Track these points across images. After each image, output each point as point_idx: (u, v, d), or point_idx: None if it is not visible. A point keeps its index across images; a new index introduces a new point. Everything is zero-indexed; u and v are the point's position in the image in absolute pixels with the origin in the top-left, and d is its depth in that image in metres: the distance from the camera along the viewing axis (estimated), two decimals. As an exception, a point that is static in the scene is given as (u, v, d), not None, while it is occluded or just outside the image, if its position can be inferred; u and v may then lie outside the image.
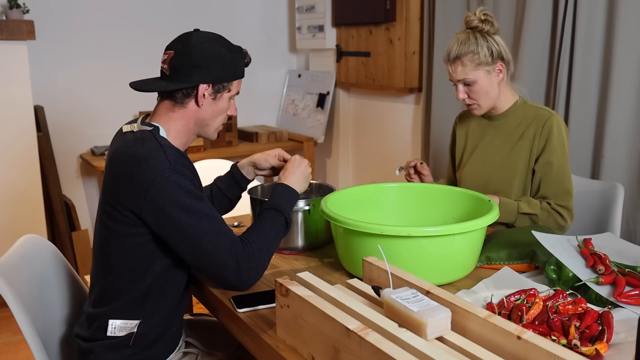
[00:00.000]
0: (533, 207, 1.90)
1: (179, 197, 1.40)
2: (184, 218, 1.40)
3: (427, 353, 0.95)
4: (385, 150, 3.83)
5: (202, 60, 1.47)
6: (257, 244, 1.46)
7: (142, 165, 1.40)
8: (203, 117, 1.53)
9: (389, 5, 3.43)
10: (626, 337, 1.20)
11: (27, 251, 1.66)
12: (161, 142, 1.45)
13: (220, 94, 1.52)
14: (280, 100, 4.49)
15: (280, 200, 1.58)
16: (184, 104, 1.51)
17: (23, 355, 2.83)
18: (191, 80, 1.47)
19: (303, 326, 1.18)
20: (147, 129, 1.48)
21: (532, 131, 1.95)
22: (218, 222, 1.44)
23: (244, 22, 4.24)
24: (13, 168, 3.23)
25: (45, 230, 3.37)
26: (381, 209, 1.85)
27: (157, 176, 1.39)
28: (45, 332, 1.59)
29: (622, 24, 2.32)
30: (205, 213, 1.42)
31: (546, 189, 1.93)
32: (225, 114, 1.57)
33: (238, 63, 1.54)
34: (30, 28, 3.14)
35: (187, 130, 1.54)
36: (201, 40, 1.48)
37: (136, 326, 1.48)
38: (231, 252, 1.42)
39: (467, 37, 1.90)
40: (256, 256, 1.45)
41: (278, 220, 1.54)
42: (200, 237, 1.41)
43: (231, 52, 1.52)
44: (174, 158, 1.43)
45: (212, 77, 1.49)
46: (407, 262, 1.44)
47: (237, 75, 1.54)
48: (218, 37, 1.52)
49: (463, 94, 1.95)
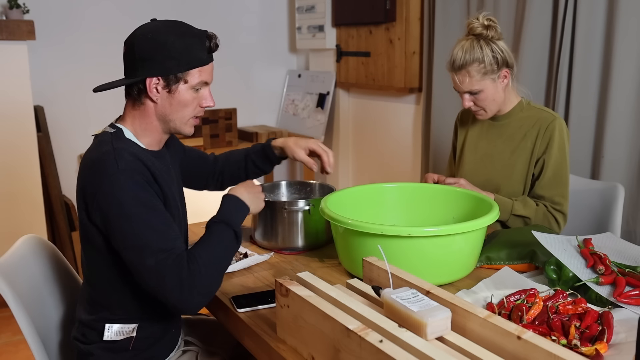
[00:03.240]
0: (528, 209, 1.91)
1: (124, 204, 1.31)
2: (127, 227, 1.31)
3: (427, 353, 0.95)
4: (385, 150, 3.83)
5: (147, 53, 1.37)
6: (204, 260, 1.33)
7: (91, 170, 1.36)
8: (163, 113, 1.43)
9: (389, 5, 3.43)
10: (626, 337, 1.20)
11: (27, 251, 1.66)
12: (116, 145, 1.38)
13: (175, 85, 1.40)
14: (280, 100, 4.49)
15: (229, 213, 1.45)
16: (141, 101, 1.43)
17: (23, 355, 2.83)
18: (138, 75, 1.39)
19: (303, 326, 1.18)
20: (110, 131, 1.43)
21: (534, 133, 1.94)
22: (165, 236, 1.33)
23: (244, 22, 4.24)
24: (13, 168, 3.23)
25: (45, 230, 3.36)
26: (381, 209, 1.85)
27: (104, 181, 1.32)
28: (45, 332, 1.58)
29: (622, 24, 2.32)
30: (152, 224, 1.32)
31: (543, 192, 1.94)
32: (192, 107, 1.45)
33: (193, 50, 1.39)
34: (30, 28, 3.14)
35: (153, 128, 1.46)
36: (147, 31, 1.39)
37: (134, 330, 1.47)
38: (174, 269, 1.29)
39: (471, 45, 1.86)
40: (202, 273, 1.31)
41: (227, 235, 1.41)
42: (142, 250, 1.30)
43: (183, 40, 1.38)
44: (125, 163, 1.34)
45: (159, 69, 1.38)
46: (407, 262, 1.44)
47: (193, 64, 1.40)
48: (171, 24, 1.41)
49: (469, 102, 1.94)
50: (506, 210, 1.90)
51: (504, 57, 1.88)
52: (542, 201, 1.94)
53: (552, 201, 1.93)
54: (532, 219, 1.91)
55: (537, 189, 1.95)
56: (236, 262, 1.65)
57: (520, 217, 1.91)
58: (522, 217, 1.91)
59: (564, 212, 1.94)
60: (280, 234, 1.77)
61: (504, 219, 1.91)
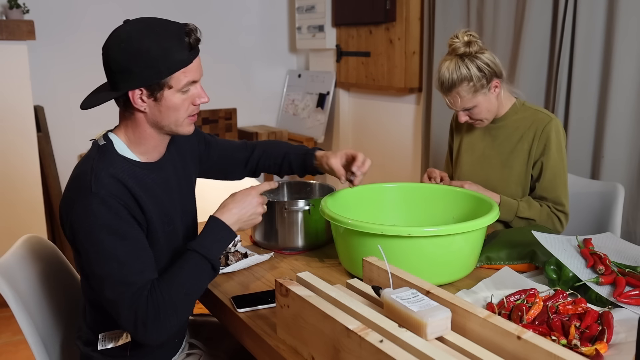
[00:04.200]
0: (532, 211, 1.91)
1: (92, 231, 1.26)
2: (92, 254, 1.27)
3: (427, 353, 0.95)
4: (385, 150, 3.83)
5: (122, 65, 1.29)
6: (167, 296, 1.28)
7: (69, 187, 1.33)
8: (155, 120, 1.36)
9: (389, 5, 3.43)
10: (626, 337, 1.20)
11: (27, 251, 1.66)
12: (95, 165, 1.31)
13: (159, 93, 1.32)
14: (280, 100, 4.49)
15: (208, 241, 1.36)
16: (130, 112, 1.36)
17: (23, 355, 2.83)
18: (120, 88, 1.31)
19: (303, 326, 1.18)
20: (101, 143, 1.37)
21: (531, 135, 1.95)
22: (129, 267, 1.27)
23: (244, 22, 4.24)
24: (13, 168, 3.23)
25: (45, 230, 3.37)
26: (381, 209, 1.85)
27: (76, 202, 1.28)
28: (45, 331, 1.58)
29: (622, 24, 2.32)
30: (117, 255, 1.26)
31: (546, 194, 1.94)
32: (184, 108, 1.36)
33: (171, 53, 1.29)
34: (30, 28, 3.14)
35: (147, 136, 1.39)
36: (119, 40, 1.30)
37: (128, 335, 1.43)
38: (129, 304, 1.25)
39: (456, 65, 1.85)
40: (160, 310, 1.26)
41: (201, 267, 1.34)
42: (103, 280, 1.27)
43: (159, 43, 1.28)
44: (101, 186, 1.28)
45: (139, 80, 1.29)
46: (407, 262, 1.44)
47: (174, 67, 1.30)
48: (144, 27, 1.31)
49: (465, 117, 1.95)
50: (511, 211, 1.90)
51: (491, 70, 1.87)
52: (545, 202, 1.94)
53: (554, 202, 1.93)
54: (537, 220, 1.92)
55: (539, 191, 1.95)
56: (236, 262, 1.65)
57: (525, 219, 1.92)
58: (527, 219, 1.91)
59: (566, 212, 1.94)
60: (280, 234, 1.77)
61: (509, 219, 1.91)
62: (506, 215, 1.89)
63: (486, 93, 1.90)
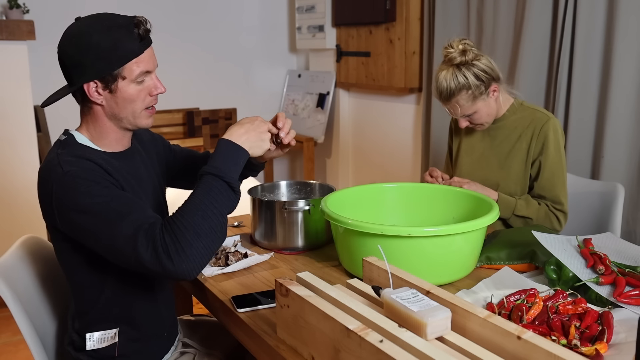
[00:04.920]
0: (530, 209, 1.92)
1: (78, 202, 1.28)
2: (90, 221, 1.28)
3: (427, 353, 0.95)
4: (385, 150, 3.83)
5: (75, 59, 1.33)
6: (184, 222, 1.24)
7: (41, 180, 1.35)
8: (113, 112, 1.39)
9: (389, 5, 3.43)
10: (626, 337, 1.20)
11: (27, 251, 1.66)
12: (58, 152, 1.35)
13: (113, 84, 1.34)
14: (280, 100, 4.49)
15: (218, 162, 1.32)
16: (88, 106, 1.40)
17: (23, 355, 2.83)
18: (74, 83, 1.35)
19: (303, 326, 1.18)
20: (62, 137, 1.41)
21: (529, 134, 1.95)
22: (127, 214, 1.27)
23: (244, 22, 4.24)
24: (13, 168, 3.23)
25: (44, 231, 3.36)
26: (381, 209, 1.85)
27: (53, 187, 1.30)
28: (44, 332, 1.58)
29: (622, 24, 2.32)
30: (110, 208, 1.27)
31: (544, 193, 1.95)
32: (140, 99, 1.38)
33: (121, 44, 1.32)
34: (30, 28, 3.14)
35: (106, 129, 1.41)
36: (71, 35, 1.34)
37: (115, 335, 1.44)
38: (144, 241, 1.23)
39: (453, 75, 1.85)
40: (179, 239, 1.22)
41: (217, 187, 1.29)
42: (109, 234, 1.26)
43: (109, 35, 1.31)
44: (68, 164, 1.31)
45: (91, 73, 1.32)
46: (407, 262, 1.44)
47: (125, 58, 1.33)
48: (93, 21, 1.35)
49: (465, 122, 1.96)
50: (509, 208, 1.91)
51: (488, 76, 1.87)
52: (543, 201, 1.94)
53: (553, 201, 1.94)
54: (534, 219, 1.92)
55: (537, 190, 1.96)
56: (236, 262, 1.65)
57: (522, 218, 1.92)
58: (524, 217, 1.92)
59: (564, 210, 1.95)
60: (280, 234, 1.77)
61: (506, 217, 1.92)
62: (503, 213, 1.90)
63: (485, 99, 1.90)
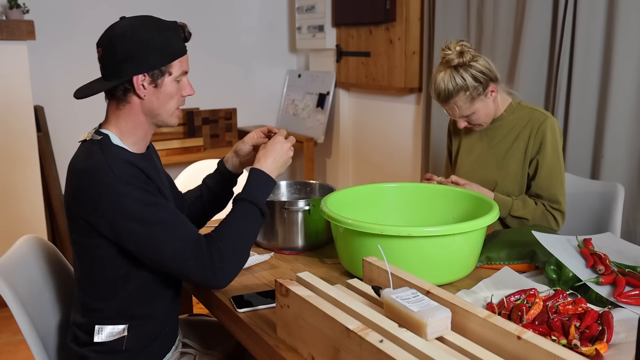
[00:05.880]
0: (526, 209, 1.92)
1: (128, 209, 1.35)
2: (137, 228, 1.35)
3: (427, 353, 0.95)
4: (385, 150, 3.83)
5: (128, 52, 1.39)
6: (226, 242, 1.39)
7: (88, 180, 1.37)
8: (151, 108, 1.45)
9: (389, 5, 3.43)
10: (626, 337, 1.21)
11: (27, 251, 1.66)
12: (106, 154, 1.39)
13: (160, 79, 1.43)
14: (280, 100, 4.49)
15: (254, 189, 1.48)
16: (127, 100, 1.44)
17: (23, 355, 2.83)
18: (123, 75, 1.40)
19: (303, 326, 1.18)
20: (97, 138, 1.43)
21: (526, 133, 1.95)
22: (176, 226, 1.38)
23: (244, 22, 4.24)
24: (13, 168, 3.23)
25: (45, 230, 3.36)
26: (381, 209, 1.85)
27: (103, 190, 1.35)
28: (44, 332, 1.58)
29: (622, 25, 2.32)
30: (160, 219, 1.37)
31: (541, 192, 1.95)
32: (176, 98, 1.48)
33: (171, 42, 1.43)
34: (30, 28, 3.14)
35: (139, 124, 1.47)
36: (123, 31, 1.40)
37: (125, 330, 1.46)
38: (192, 255, 1.36)
39: (450, 76, 1.85)
40: (223, 256, 1.37)
41: (251, 213, 1.45)
42: (158, 245, 1.36)
43: (160, 33, 1.42)
44: (120, 169, 1.37)
45: (144, 66, 1.40)
46: (407, 262, 1.44)
47: (174, 56, 1.44)
48: (144, 20, 1.44)
49: (463, 123, 1.96)
50: (505, 208, 1.91)
51: (486, 77, 1.87)
52: (540, 200, 1.94)
53: (550, 200, 1.94)
54: (530, 219, 1.92)
55: (535, 189, 1.96)
56: (236, 262, 1.65)
57: (518, 218, 1.92)
58: (520, 218, 1.92)
59: (562, 210, 1.94)
60: (280, 234, 1.77)
61: (502, 216, 1.92)
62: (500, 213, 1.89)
63: (483, 100, 1.90)
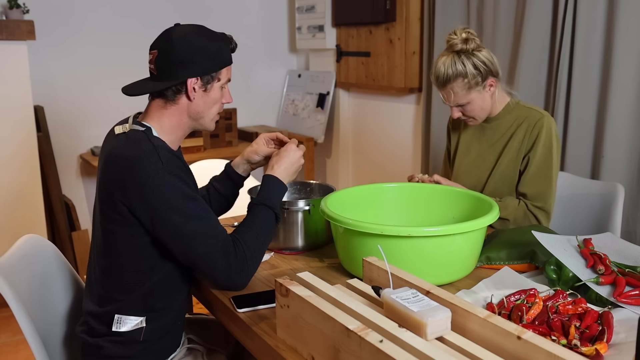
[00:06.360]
0: (507, 210, 1.90)
1: (171, 198, 1.41)
2: (176, 219, 1.41)
3: (427, 353, 0.95)
4: (385, 150, 3.83)
5: (186, 55, 1.46)
6: (249, 244, 1.47)
7: (135, 167, 1.41)
8: (197, 110, 1.53)
9: (389, 5, 3.43)
10: (626, 337, 1.21)
11: (28, 251, 1.66)
12: (154, 143, 1.45)
13: (210, 84, 1.52)
14: (280, 100, 4.49)
15: (270, 195, 1.56)
16: (175, 101, 1.51)
17: (23, 355, 2.83)
18: (178, 77, 1.47)
19: (303, 326, 1.18)
20: (140, 129, 1.48)
21: (522, 132, 1.95)
22: (211, 223, 1.45)
23: (244, 22, 4.24)
24: (13, 168, 3.23)
25: (45, 230, 3.37)
26: (381, 209, 1.85)
27: (150, 177, 1.40)
28: (45, 331, 1.58)
29: (622, 24, 2.32)
30: (198, 214, 1.43)
31: (525, 189, 1.94)
32: (219, 103, 1.57)
33: (223, 51, 1.52)
34: (30, 28, 3.14)
35: (181, 125, 1.54)
36: (182, 35, 1.48)
37: (143, 321, 1.50)
38: (222, 254, 1.43)
39: (452, 61, 1.86)
40: (247, 257, 1.45)
41: (269, 217, 1.54)
42: (192, 239, 1.42)
43: (214, 41, 1.51)
44: (167, 159, 1.43)
45: (199, 70, 1.48)
46: (407, 262, 1.44)
47: (224, 63, 1.53)
48: (199, 28, 1.52)
49: (458, 112, 1.96)
50: None
51: (487, 68, 1.88)
52: (523, 199, 1.93)
53: (533, 199, 1.92)
54: (511, 220, 1.91)
55: (520, 187, 1.95)
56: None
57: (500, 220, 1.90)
58: (502, 219, 1.90)
59: (546, 209, 1.92)
60: (281, 234, 1.77)
61: None
62: None
63: (480, 91, 1.90)
